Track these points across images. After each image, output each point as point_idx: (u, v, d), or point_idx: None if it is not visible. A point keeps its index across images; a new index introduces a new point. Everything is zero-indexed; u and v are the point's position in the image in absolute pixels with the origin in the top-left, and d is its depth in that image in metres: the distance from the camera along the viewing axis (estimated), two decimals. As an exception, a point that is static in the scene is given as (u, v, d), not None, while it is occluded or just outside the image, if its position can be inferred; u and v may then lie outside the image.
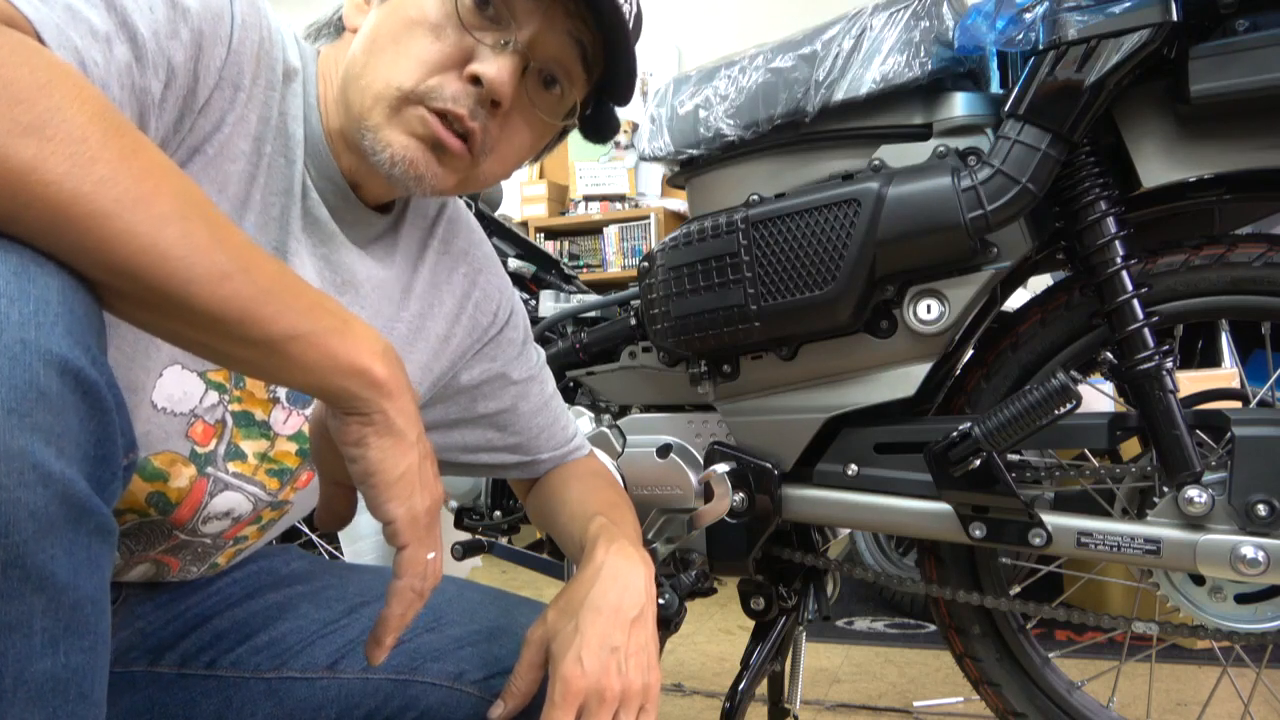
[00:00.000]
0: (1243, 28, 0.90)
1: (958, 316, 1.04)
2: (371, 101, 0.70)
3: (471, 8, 0.69)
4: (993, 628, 1.18)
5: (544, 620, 0.77)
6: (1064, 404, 0.94)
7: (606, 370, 1.32)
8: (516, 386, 0.93)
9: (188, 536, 0.76)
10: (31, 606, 0.44)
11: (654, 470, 1.22)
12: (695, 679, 1.93)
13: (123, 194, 0.46)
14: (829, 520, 1.17)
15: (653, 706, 0.74)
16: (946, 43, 1.05)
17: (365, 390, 0.55)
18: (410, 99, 0.69)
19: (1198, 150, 0.97)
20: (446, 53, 0.70)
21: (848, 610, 2.45)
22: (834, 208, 1.05)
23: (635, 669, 0.73)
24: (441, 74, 0.69)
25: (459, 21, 0.69)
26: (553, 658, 0.73)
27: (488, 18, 0.70)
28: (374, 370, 0.55)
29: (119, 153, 0.47)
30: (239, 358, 0.53)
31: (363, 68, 0.71)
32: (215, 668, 0.79)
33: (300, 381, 0.54)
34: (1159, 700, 1.67)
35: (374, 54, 0.70)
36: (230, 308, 0.50)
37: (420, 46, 0.69)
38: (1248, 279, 0.99)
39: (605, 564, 0.78)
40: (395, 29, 0.70)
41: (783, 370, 1.14)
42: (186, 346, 0.54)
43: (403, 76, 0.69)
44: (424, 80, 0.69)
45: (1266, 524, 0.92)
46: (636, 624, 0.76)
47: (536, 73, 0.73)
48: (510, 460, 0.96)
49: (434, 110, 0.70)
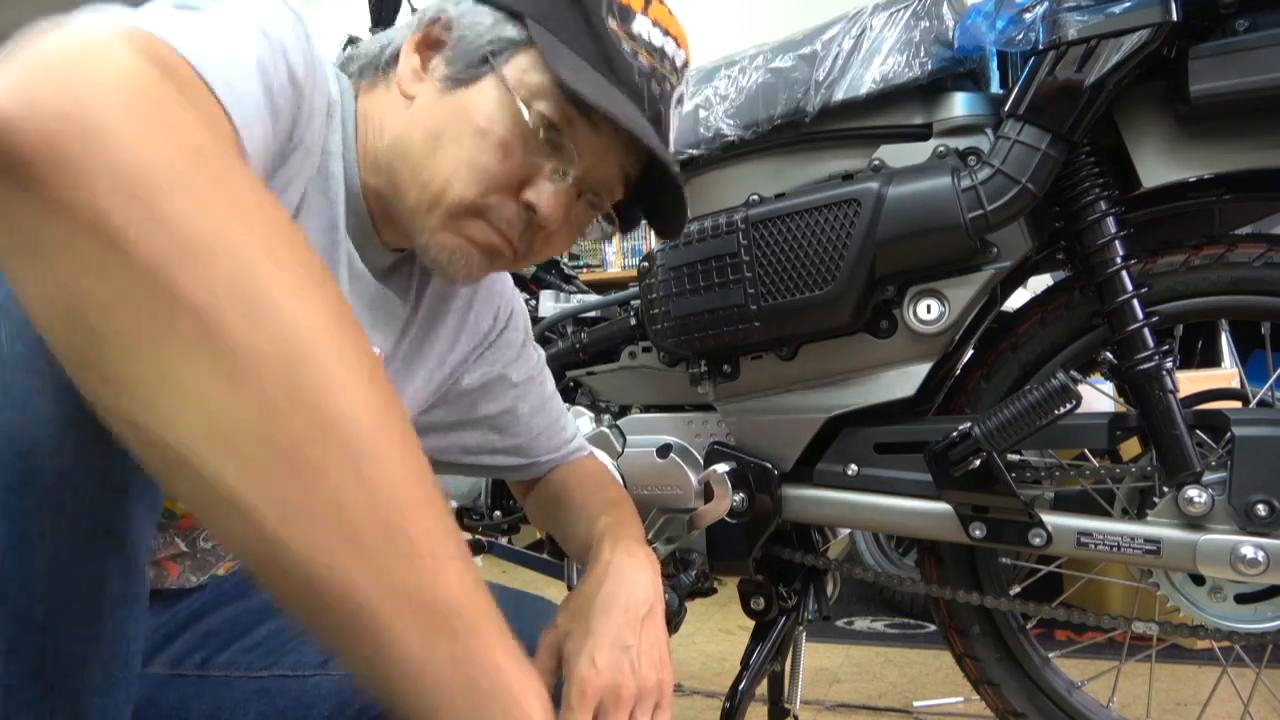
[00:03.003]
0: (1243, 28, 0.90)
1: (958, 316, 1.04)
2: (431, 202, 0.70)
3: (540, 132, 0.69)
4: (993, 628, 1.18)
5: (554, 624, 0.77)
6: (1064, 404, 0.94)
7: (606, 370, 1.32)
8: (516, 388, 0.93)
9: (188, 547, 0.76)
10: (108, 570, 0.46)
11: (654, 470, 1.22)
12: (695, 679, 1.93)
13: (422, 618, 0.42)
14: (829, 520, 1.17)
15: (667, 703, 0.75)
16: (946, 43, 1.05)
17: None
18: (471, 211, 0.70)
19: (1198, 150, 0.97)
20: (511, 174, 0.70)
21: (848, 610, 2.45)
22: (834, 208, 1.05)
23: (649, 666, 0.74)
24: (501, 193, 0.70)
25: (525, 144, 0.69)
26: (566, 660, 0.74)
27: (552, 143, 0.70)
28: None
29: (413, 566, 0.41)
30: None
31: (422, 159, 0.70)
32: (208, 668, 0.80)
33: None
34: (1159, 700, 1.67)
35: (436, 152, 0.70)
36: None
37: (487, 162, 0.69)
38: (1248, 279, 0.99)
39: (613, 564, 0.79)
40: (461, 133, 0.69)
41: (783, 370, 1.14)
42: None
43: (465, 188, 0.69)
44: (485, 196, 0.70)
45: (1266, 524, 0.92)
46: (647, 622, 0.76)
47: (581, 196, 0.75)
48: (510, 462, 0.96)
49: (492, 225, 0.71)
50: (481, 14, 0.71)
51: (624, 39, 0.71)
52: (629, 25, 0.71)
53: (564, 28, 0.70)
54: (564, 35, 0.69)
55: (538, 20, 0.69)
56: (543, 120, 0.69)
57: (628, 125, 0.67)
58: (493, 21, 0.70)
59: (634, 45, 0.71)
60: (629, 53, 0.71)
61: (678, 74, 0.76)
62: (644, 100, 0.72)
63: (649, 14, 0.73)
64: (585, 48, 0.70)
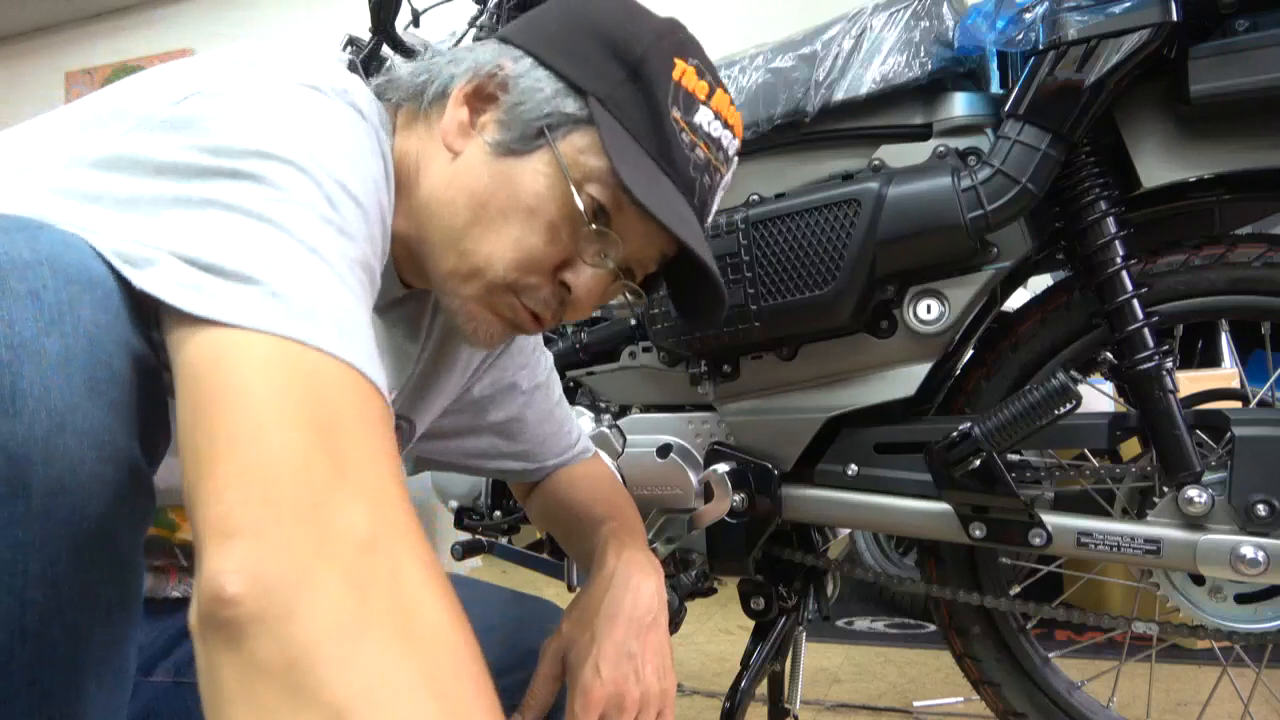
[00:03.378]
0: (1243, 28, 0.90)
1: (958, 316, 1.04)
2: (468, 274, 0.68)
3: (589, 218, 0.67)
4: (993, 628, 1.18)
5: (559, 631, 0.77)
6: (1064, 404, 0.94)
7: (606, 370, 1.32)
8: (525, 395, 0.93)
9: (187, 561, 0.76)
10: (101, 577, 0.46)
11: (654, 470, 1.22)
12: (695, 679, 1.93)
13: None
14: (829, 520, 1.17)
15: (670, 710, 0.75)
16: (946, 43, 1.05)
17: None
18: (507, 288, 0.69)
19: (1198, 150, 0.97)
20: (554, 257, 0.68)
21: (848, 610, 2.44)
22: (834, 208, 1.05)
23: (652, 674, 0.74)
24: (539, 274, 0.69)
25: (573, 227, 0.68)
26: (570, 668, 0.74)
27: (599, 228, 0.68)
28: None
29: None
30: None
31: (464, 227, 0.68)
32: None
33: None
34: (1159, 700, 1.67)
35: (479, 223, 0.67)
36: None
37: (533, 244, 0.67)
38: (1248, 279, 0.99)
39: (617, 572, 0.79)
40: (508, 209, 0.67)
41: (783, 370, 1.14)
42: None
43: (506, 267, 0.67)
44: (524, 276, 0.68)
45: (1266, 524, 0.92)
46: (651, 630, 0.76)
47: (618, 275, 0.73)
48: (516, 466, 0.96)
49: (524, 303, 0.70)
50: (542, 80, 0.68)
51: (684, 130, 0.69)
52: (691, 116, 0.69)
53: (626, 112, 0.67)
54: (625, 119, 0.67)
55: (601, 100, 0.67)
56: (593, 204, 0.67)
57: (677, 232, 0.65)
58: (553, 92, 0.67)
59: (693, 137, 0.69)
60: (687, 144, 0.69)
61: (729, 163, 0.74)
62: (694, 192, 0.70)
63: (712, 104, 0.71)
64: (645, 135, 0.68)
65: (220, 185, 0.49)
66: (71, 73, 4.90)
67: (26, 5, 4.77)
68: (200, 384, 0.45)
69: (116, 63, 4.77)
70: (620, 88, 0.67)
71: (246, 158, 0.50)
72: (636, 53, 0.68)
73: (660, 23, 0.71)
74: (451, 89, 0.70)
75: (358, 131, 0.57)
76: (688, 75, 0.69)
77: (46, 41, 5.02)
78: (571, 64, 0.68)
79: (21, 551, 0.43)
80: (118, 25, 4.82)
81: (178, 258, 0.47)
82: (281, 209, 0.49)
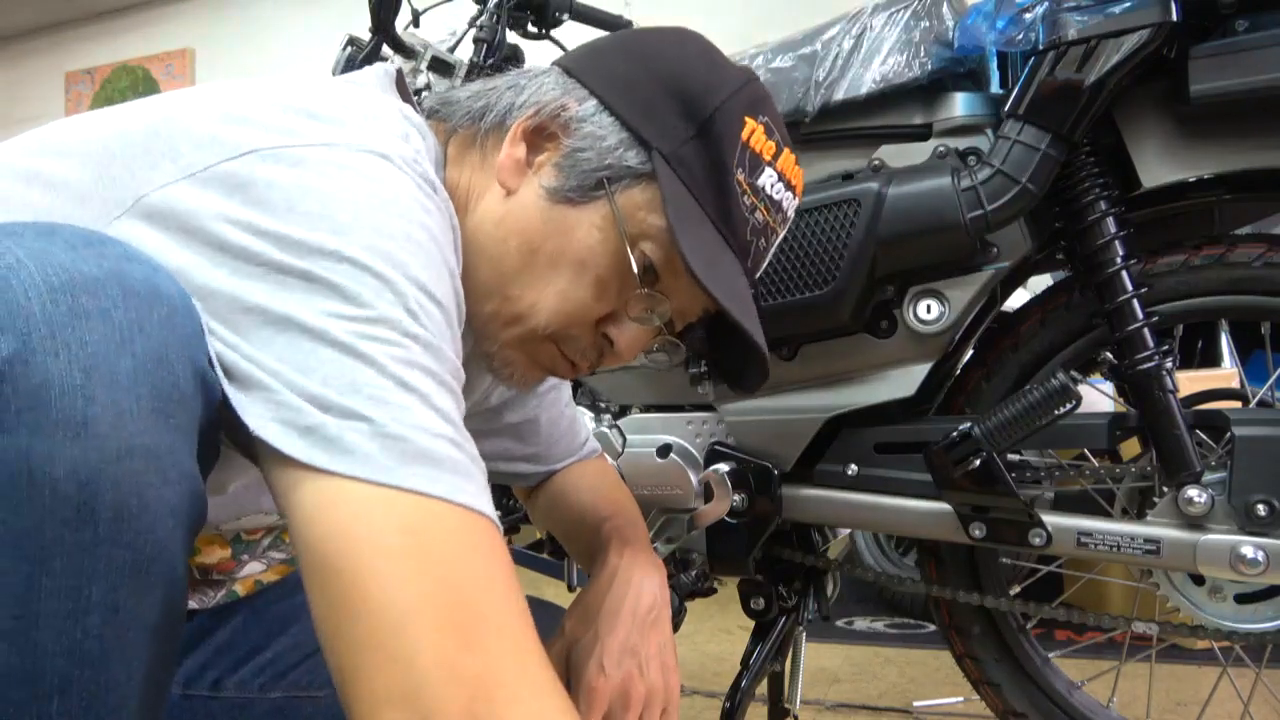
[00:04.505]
0: (1243, 28, 0.90)
1: (958, 316, 1.04)
2: (510, 319, 0.67)
3: (640, 278, 0.65)
4: (993, 628, 1.18)
5: (562, 630, 0.77)
6: (1064, 404, 0.94)
7: (606, 370, 1.32)
8: (539, 397, 0.93)
9: (200, 576, 0.77)
10: (157, 599, 0.45)
11: (654, 470, 1.22)
12: (695, 679, 1.93)
13: None
14: (829, 520, 1.17)
15: (674, 707, 0.75)
16: (946, 43, 1.05)
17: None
18: (548, 338, 0.68)
19: (1198, 150, 0.97)
20: (598, 312, 0.67)
21: (848, 610, 2.44)
22: (834, 208, 1.05)
23: (656, 671, 0.74)
24: (582, 326, 0.68)
25: (622, 282, 0.66)
26: (574, 667, 0.74)
27: (647, 285, 0.66)
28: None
29: None
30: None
31: (512, 272, 0.66)
32: (220, 689, 0.79)
33: None
34: (1159, 700, 1.66)
35: (528, 270, 0.65)
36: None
37: (580, 298, 0.66)
38: (1247, 279, 0.99)
39: (619, 570, 0.79)
40: (558, 259, 0.65)
41: (783, 370, 1.14)
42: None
43: (551, 319, 0.66)
44: (568, 328, 0.67)
45: (1266, 524, 0.92)
46: (654, 627, 0.77)
47: (661, 331, 0.72)
48: (526, 469, 0.96)
49: (562, 351, 0.69)
50: (606, 127, 0.65)
51: (747, 193, 0.67)
52: (756, 178, 0.67)
53: (690, 171, 0.65)
54: (688, 179, 0.65)
55: (666, 157, 0.64)
56: (645, 262, 0.65)
57: (727, 304, 0.63)
58: (616, 142, 0.65)
59: (754, 200, 0.67)
60: (748, 207, 0.67)
61: (786, 223, 0.72)
62: (749, 256, 0.69)
63: (778, 165, 0.69)
64: (706, 196, 0.66)
65: (297, 298, 0.48)
66: (71, 73, 4.90)
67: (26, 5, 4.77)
68: (324, 544, 0.46)
69: (116, 63, 4.77)
70: (687, 145, 0.65)
71: (321, 255, 0.49)
72: (708, 109, 0.66)
73: (735, 75, 0.69)
74: (510, 121, 0.67)
75: (431, 212, 0.55)
76: (756, 135, 0.67)
77: (46, 41, 5.02)
78: (638, 113, 0.65)
79: (85, 578, 0.42)
80: (118, 25, 4.82)
81: (278, 385, 0.47)
82: (367, 333, 0.48)
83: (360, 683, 0.45)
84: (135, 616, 0.44)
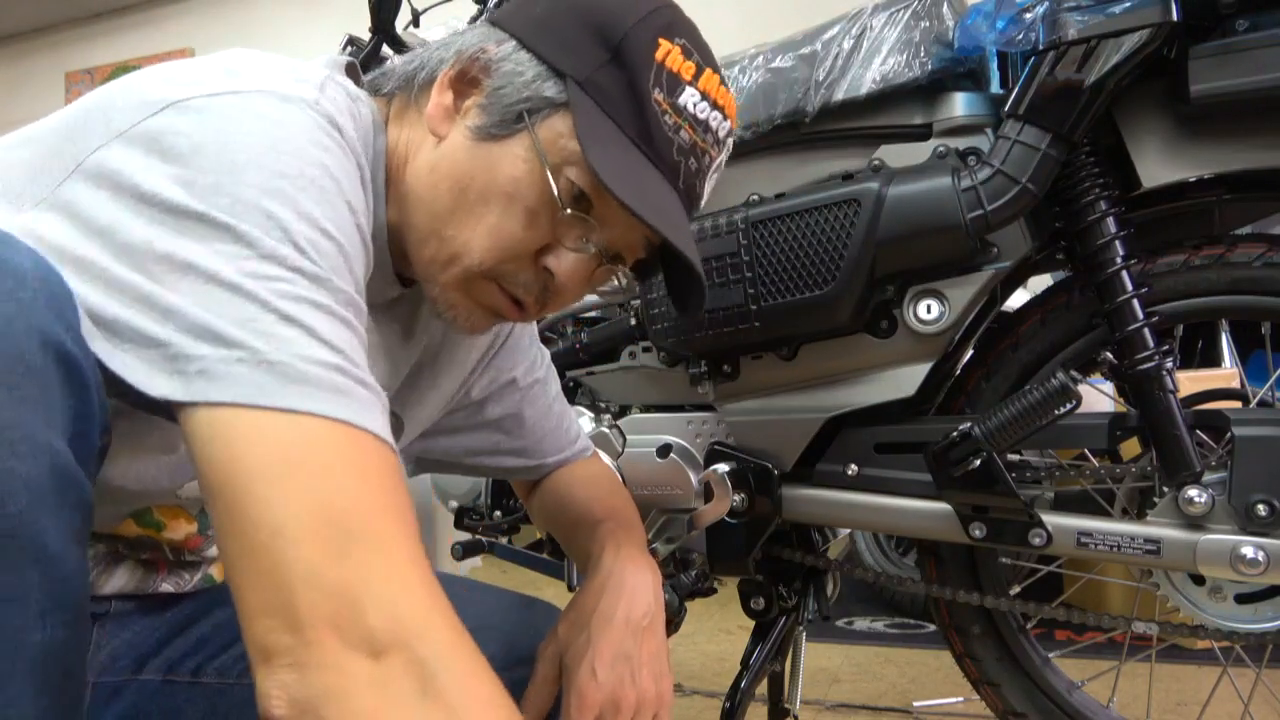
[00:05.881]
0: (1243, 28, 0.90)
1: (958, 316, 1.04)
2: (447, 260, 0.68)
3: (565, 203, 0.66)
4: (993, 628, 1.18)
5: (555, 634, 0.77)
6: (1064, 404, 0.94)
7: (606, 370, 1.32)
8: (522, 391, 0.93)
9: (174, 556, 0.76)
10: (29, 579, 0.45)
11: (654, 470, 1.22)
12: (695, 679, 1.93)
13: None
14: (829, 520, 1.17)
15: (666, 713, 0.75)
16: (946, 43, 1.05)
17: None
18: (485, 275, 0.68)
19: (1198, 150, 0.97)
20: (533, 242, 0.68)
21: (848, 610, 2.44)
22: (834, 208, 1.05)
23: (648, 677, 0.74)
24: (519, 260, 0.68)
25: (551, 212, 0.67)
26: (566, 671, 0.74)
27: (578, 212, 0.67)
28: None
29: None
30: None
31: (445, 213, 0.68)
32: (200, 675, 0.79)
33: None
34: (1159, 700, 1.67)
35: (459, 209, 0.67)
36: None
37: (510, 230, 0.67)
38: (1247, 279, 0.99)
39: (613, 573, 0.79)
40: (487, 195, 0.67)
41: (783, 370, 1.14)
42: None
43: (484, 254, 0.67)
44: (503, 262, 0.68)
45: (1266, 524, 0.92)
46: (647, 632, 0.76)
47: (601, 259, 0.72)
48: (516, 464, 0.96)
49: (505, 289, 0.70)
50: (523, 63, 0.67)
51: (668, 112, 0.67)
52: (676, 98, 0.68)
53: (606, 94, 0.66)
54: (605, 102, 0.66)
55: (580, 83, 0.66)
56: (571, 189, 0.66)
57: (647, 217, 0.63)
58: (533, 75, 0.67)
59: (677, 119, 0.68)
60: (671, 126, 0.67)
61: (720, 145, 0.72)
62: (679, 176, 0.69)
63: (699, 84, 0.69)
64: (626, 118, 0.66)
65: (196, 243, 0.51)
66: (71, 73, 4.90)
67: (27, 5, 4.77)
68: (214, 469, 0.49)
69: (116, 63, 4.77)
70: (601, 70, 0.67)
71: (218, 197, 0.51)
72: (619, 33, 0.67)
73: (648, 2, 0.70)
74: (439, 74, 0.70)
75: (330, 150, 0.58)
76: (673, 55, 0.68)
77: (46, 41, 5.02)
78: (553, 46, 0.67)
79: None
80: (118, 25, 4.82)
81: (170, 328, 0.49)
82: (255, 270, 0.51)
83: (242, 598, 0.48)
84: (4, 596, 0.44)
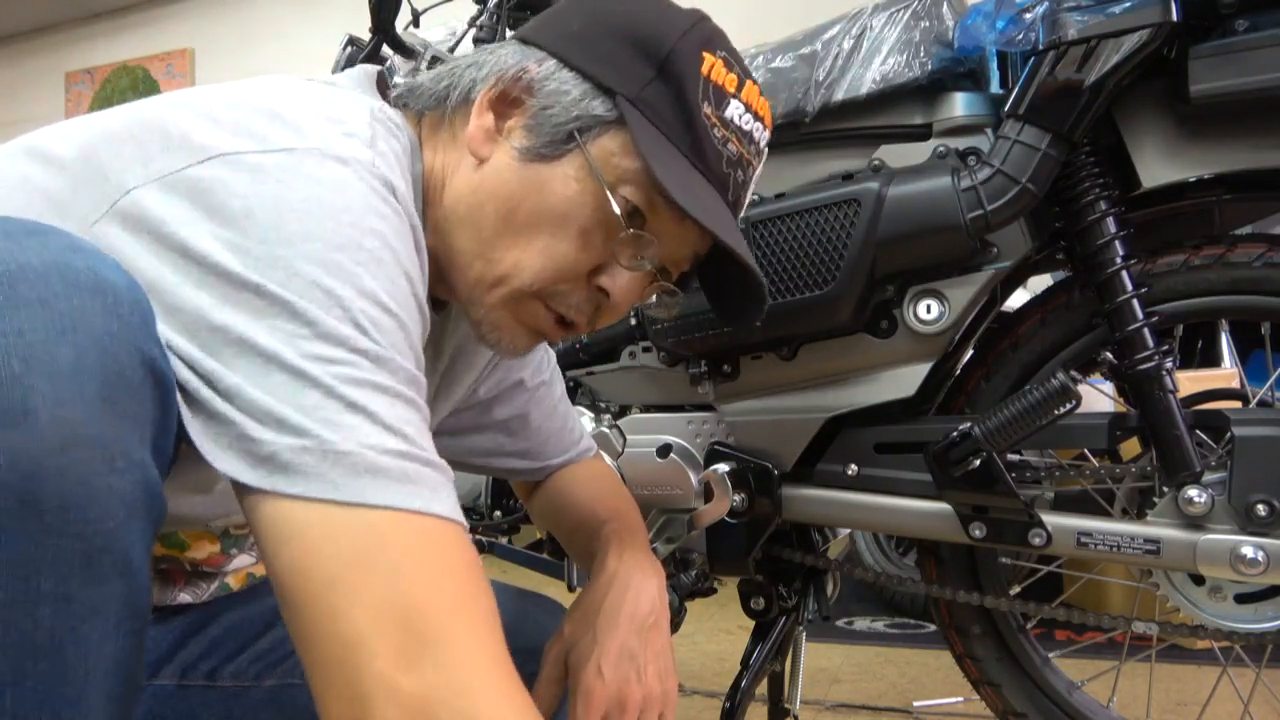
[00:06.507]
0: (1242, 28, 0.90)
1: (958, 316, 1.04)
2: (494, 281, 0.67)
3: (625, 221, 0.65)
4: (993, 628, 1.18)
5: (560, 633, 0.78)
6: (1064, 404, 0.94)
7: (606, 370, 1.32)
8: (529, 392, 0.93)
9: (191, 567, 0.77)
10: (113, 591, 0.45)
11: (654, 470, 1.22)
12: (695, 679, 1.93)
13: None
14: (829, 520, 1.17)
15: (671, 712, 0.75)
16: (946, 43, 1.05)
17: None
18: (533, 296, 0.67)
19: (1198, 150, 0.97)
20: (586, 264, 0.67)
21: (848, 610, 2.45)
22: (834, 208, 1.05)
23: (654, 675, 0.74)
24: (570, 281, 0.67)
25: (607, 231, 0.66)
26: (572, 670, 0.74)
27: (634, 230, 0.66)
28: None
29: None
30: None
31: (493, 235, 0.66)
32: (216, 678, 0.79)
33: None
34: (1159, 700, 1.67)
35: (508, 232, 0.66)
36: None
37: (562, 252, 0.66)
38: (1247, 279, 0.99)
39: (618, 573, 0.79)
40: (538, 217, 0.65)
41: (783, 370, 1.14)
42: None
43: (534, 276, 0.66)
44: (553, 284, 0.67)
45: (1266, 524, 0.92)
46: (652, 631, 0.77)
47: (655, 275, 0.72)
48: (520, 465, 0.96)
49: (552, 309, 0.68)
50: (568, 82, 0.66)
51: (716, 125, 0.67)
52: (723, 111, 0.68)
53: (656, 110, 0.66)
54: (656, 118, 0.66)
55: (631, 100, 0.65)
56: (628, 207, 0.65)
57: (716, 232, 0.63)
58: (580, 94, 0.66)
59: (725, 132, 0.68)
60: (719, 139, 0.67)
61: (760, 155, 0.73)
62: (728, 188, 0.69)
63: (743, 96, 0.69)
64: (676, 133, 0.66)
65: (253, 319, 0.49)
66: (71, 73, 4.90)
67: (26, 5, 4.77)
68: (285, 570, 0.48)
69: (116, 63, 4.77)
70: (650, 86, 0.66)
71: (273, 270, 0.50)
72: (664, 49, 0.66)
73: (685, 16, 0.70)
74: (475, 94, 0.68)
75: (386, 217, 0.56)
76: (716, 69, 0.68)
77: (46, 41, 5.02)
78: (598, 64, 0.66)
79: (34, 569, 0.42)
80: (118, 25, 4.82)
81: (233, 410, 0.48)
82: (316, 353, 0.49)
83: (325, 707, 0.48)
84: (90, 608, 0.44)
